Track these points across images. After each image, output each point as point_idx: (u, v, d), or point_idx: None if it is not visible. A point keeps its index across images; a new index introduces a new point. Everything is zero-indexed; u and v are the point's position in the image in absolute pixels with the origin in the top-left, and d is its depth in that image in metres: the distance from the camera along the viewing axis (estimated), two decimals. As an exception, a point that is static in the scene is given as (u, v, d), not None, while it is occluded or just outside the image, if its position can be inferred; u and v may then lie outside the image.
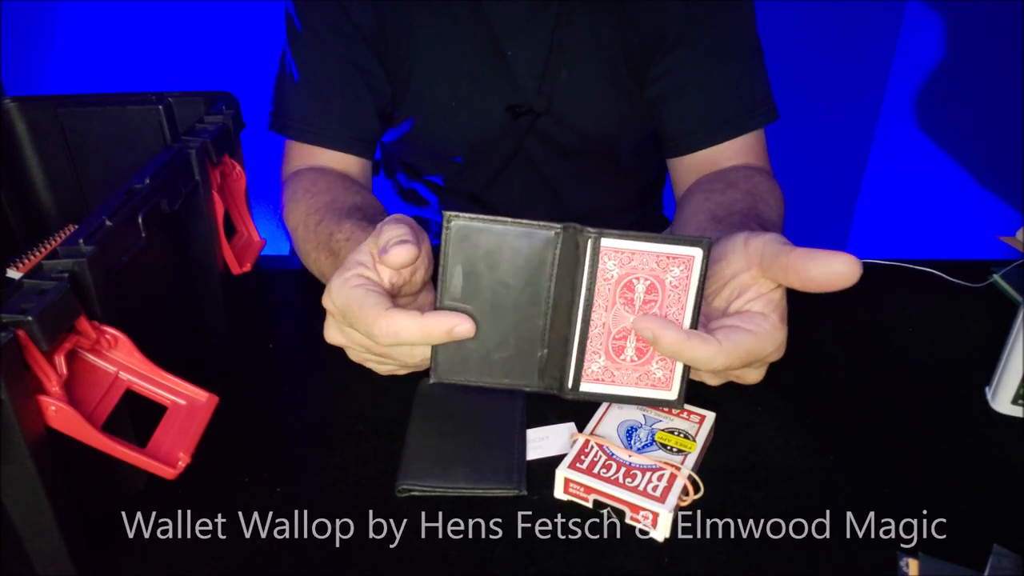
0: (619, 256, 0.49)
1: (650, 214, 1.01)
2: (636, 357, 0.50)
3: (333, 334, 0.53)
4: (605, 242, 0.49)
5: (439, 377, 0.51)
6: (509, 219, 0.49)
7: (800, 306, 0.71)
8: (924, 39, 1.52)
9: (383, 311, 0.48)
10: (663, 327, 0.47)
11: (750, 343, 0.48)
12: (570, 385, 0.51)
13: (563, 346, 0.50)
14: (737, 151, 0.77)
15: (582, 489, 0.49)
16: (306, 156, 0.79)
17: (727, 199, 0.69)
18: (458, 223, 0.49)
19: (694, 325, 0.49)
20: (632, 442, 0.52)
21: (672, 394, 0.51)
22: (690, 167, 0.79)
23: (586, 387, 0.51)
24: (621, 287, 0.49)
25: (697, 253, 0.48)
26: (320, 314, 0.54)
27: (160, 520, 0.49)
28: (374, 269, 0.51)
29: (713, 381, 0.53)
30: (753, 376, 0.52)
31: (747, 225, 0.62)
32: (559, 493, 0.50)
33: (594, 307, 0.49)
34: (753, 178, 0.73)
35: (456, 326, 0.48)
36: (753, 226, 0.62)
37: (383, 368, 0.55)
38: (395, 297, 0.52)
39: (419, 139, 0.85)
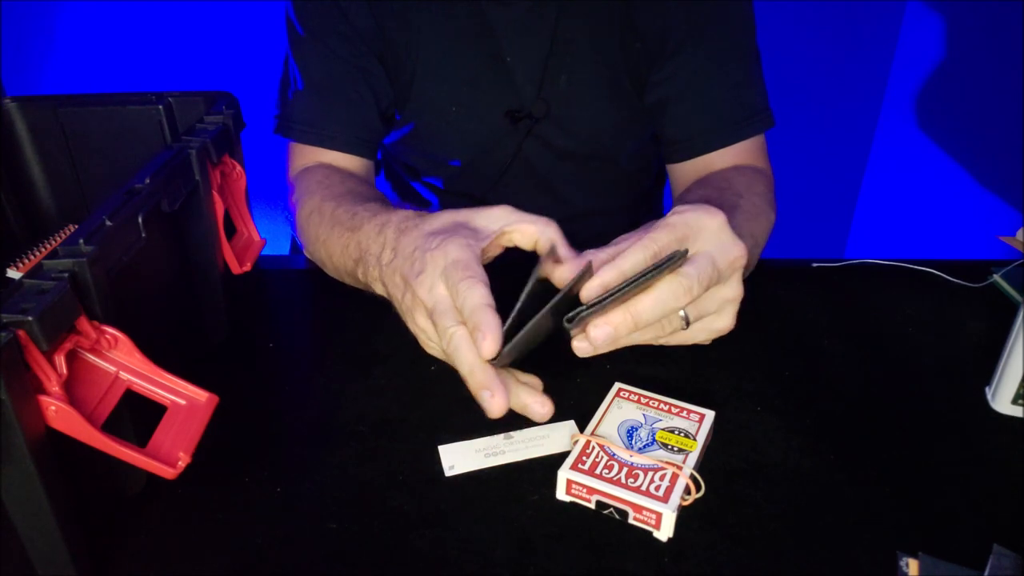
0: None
1: (652, 213, 1.01)
2: None
3: (424, 291, 0.51)
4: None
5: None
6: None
7: (800, 306, 0.71)
8: (924, 39, 1.53)
9: (489, 302, 0.47)
10: (599, 276, 0.47)
11: (672, 220, 0.49)
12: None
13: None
14: (734, 156, 0.78)
15: (584, 490, 0.49)
16: (309, 157, 0.79)
17: (698, 195, 0.70)
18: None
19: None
20: (633, 442, 0.52)
21: None
22: (687, 171, 0.80)
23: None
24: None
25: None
26: (321, 315, 0.54)
27: (160, 520, 0.49)
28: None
29: (702, 336, 0.53)
30: (723, 259, 0.50)
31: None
32: (561, 495, 0.50)
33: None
34: (732, 177, 0.73)
35: (485, 395, 0.47)
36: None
37: (432, 348, 0.54)
38: None
39: (419, 142, 0.85)
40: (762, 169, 0.78)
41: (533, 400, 0.49)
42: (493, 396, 0.46)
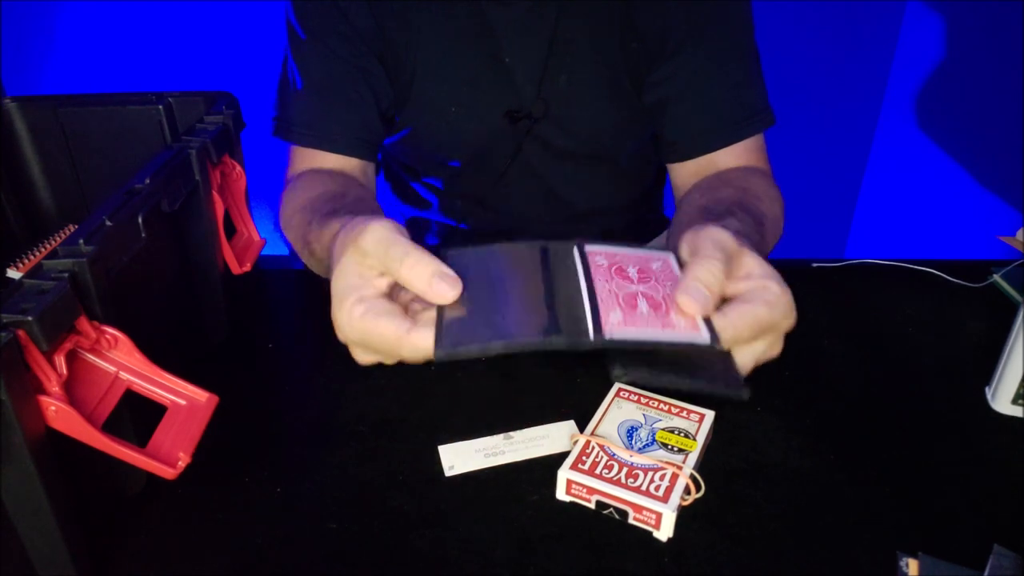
0: (604, 254, 0.51)
1: (652, 214, 1.01)
2: (653, 310, 0.47)
3: (361, 357, 0.50)
4: (588, 247, 0.51)
5: (444, 353, 0.46)
6: (497, 244, 0.50)
7: (800, 306, 0.71)
8: (924, 39, 1.53)
9: (404, 333, 0.46)
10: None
11: (757, 313, 0.47)
12: (592, 335, 0.45)
13: (575, 308, 0.47)
14: (736, 155, 0.78)
15: (584, 490, 0.49)
16: (309, 160, 0.79)
17: (718, 195, 0.70)
18: (451, 251, 0.50)
19: None
20: (633, 442, 0.52)
21: (703, 336, 0.46)
22: (689, 172, 0.80)
23: (611, 332, 0.45)
24: (614, 269, 0.50)
25: (670, 255, 0.51)
26: (321, 315, 0.54)
27: (160, 520, 0.49)
28: (368, 284, 0.49)
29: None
30: (771, 351, 0.50)
31: (730, 211, 0.62)
32: (561, 495, 0.50)
33: (595, 279, 0.49)
34: (748, 178, 0.73)
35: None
36: (737, 212, 0.62)
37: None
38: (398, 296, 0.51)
39: (419, 142, 0.85)
40: (764, 170, 0.78)
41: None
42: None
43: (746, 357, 0.50)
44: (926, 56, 1.52)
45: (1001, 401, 0.58)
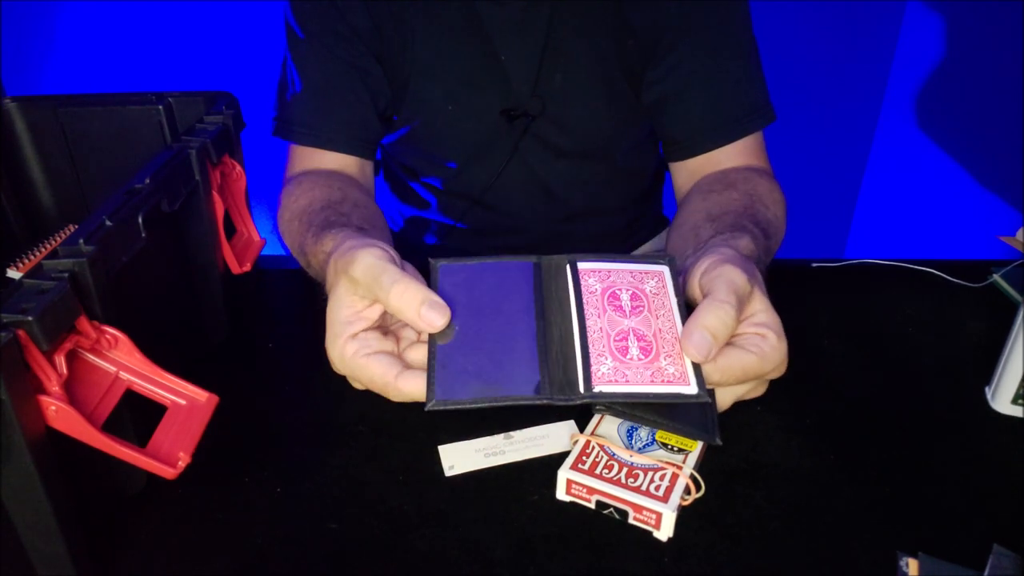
0: (597, 274, 0.52)
1: (650, 213, 1.01)
2: (642, 356, 0.48)
3: (356, 386, 0.53)
4: (581, 265, 0.52)
5: (435, 404, 0.47)
6: (490, 257, 0.53)
7: (800, 306, 0.71)
8: (924, 39, 1.53)
9: (392, 379, 0.49)
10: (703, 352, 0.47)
11: (747, 362, 0.48)
12: (582, 388, 0.47)
13: (565, 354, 0.48)
14: (737, 153, 0.78)
15: (584, 490, 0.49)
16: (308, 159, 0.79)
17: (724, 199, 0.69)
18: (443, 264, 0.52)
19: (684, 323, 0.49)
20: (633, 442, 0.52)
21: (691, 388, 0.46)
22: (690, 170, 0.80)
23: (600, 388, 0.46)
24: (607, 296, 0.50)
25: (664, 269, 0.52)
26: (321, 315, 0.54)
27: (160, 520, 0.49)
28: (360, 318, 0.51)
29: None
30: (753, 393, 0.53)
31: (740, 225, 0.62)
32: (561, 495, 0.50)
33: (587, 315, 0.49)
34: (752, 179, 0.73)
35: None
36: (748, 225, 0.62)
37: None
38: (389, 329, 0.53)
39: (417, 142, 0.85)
40: (766, 170, 0.78)
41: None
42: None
43: (727, 396, 0.52)
44: (926, 56, 1.52)
45: (1001, 401, 0.58)
